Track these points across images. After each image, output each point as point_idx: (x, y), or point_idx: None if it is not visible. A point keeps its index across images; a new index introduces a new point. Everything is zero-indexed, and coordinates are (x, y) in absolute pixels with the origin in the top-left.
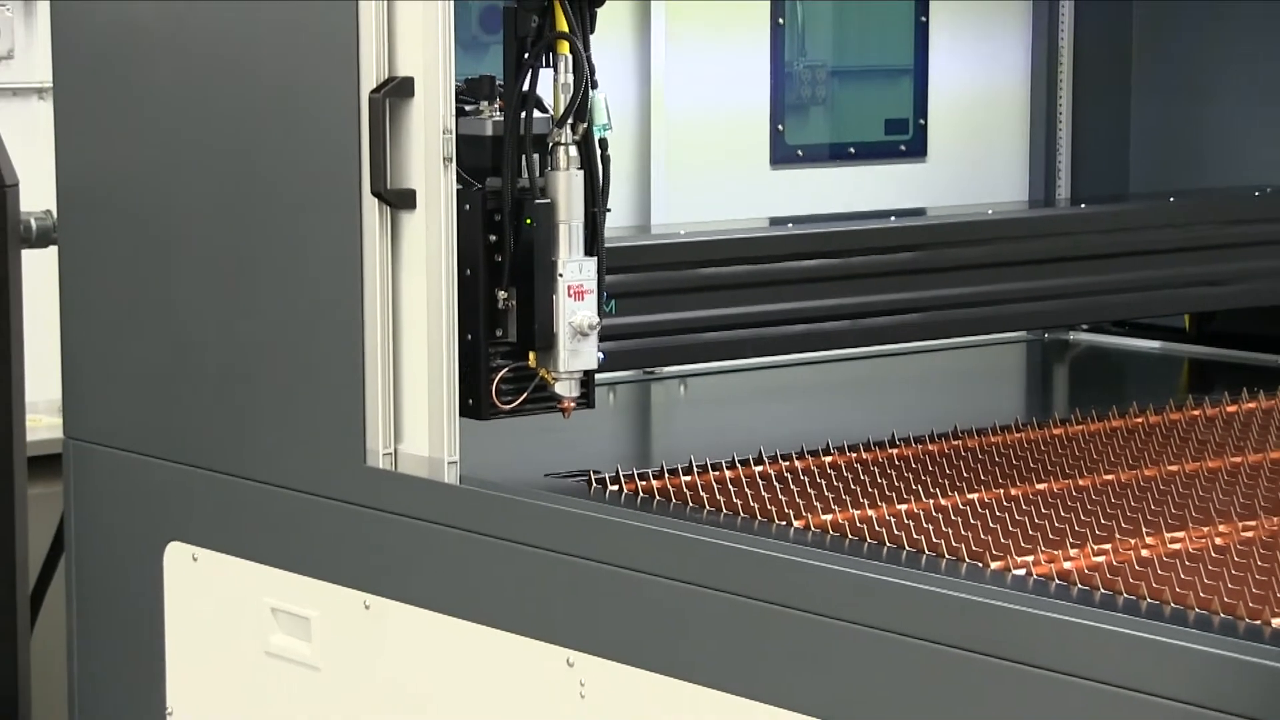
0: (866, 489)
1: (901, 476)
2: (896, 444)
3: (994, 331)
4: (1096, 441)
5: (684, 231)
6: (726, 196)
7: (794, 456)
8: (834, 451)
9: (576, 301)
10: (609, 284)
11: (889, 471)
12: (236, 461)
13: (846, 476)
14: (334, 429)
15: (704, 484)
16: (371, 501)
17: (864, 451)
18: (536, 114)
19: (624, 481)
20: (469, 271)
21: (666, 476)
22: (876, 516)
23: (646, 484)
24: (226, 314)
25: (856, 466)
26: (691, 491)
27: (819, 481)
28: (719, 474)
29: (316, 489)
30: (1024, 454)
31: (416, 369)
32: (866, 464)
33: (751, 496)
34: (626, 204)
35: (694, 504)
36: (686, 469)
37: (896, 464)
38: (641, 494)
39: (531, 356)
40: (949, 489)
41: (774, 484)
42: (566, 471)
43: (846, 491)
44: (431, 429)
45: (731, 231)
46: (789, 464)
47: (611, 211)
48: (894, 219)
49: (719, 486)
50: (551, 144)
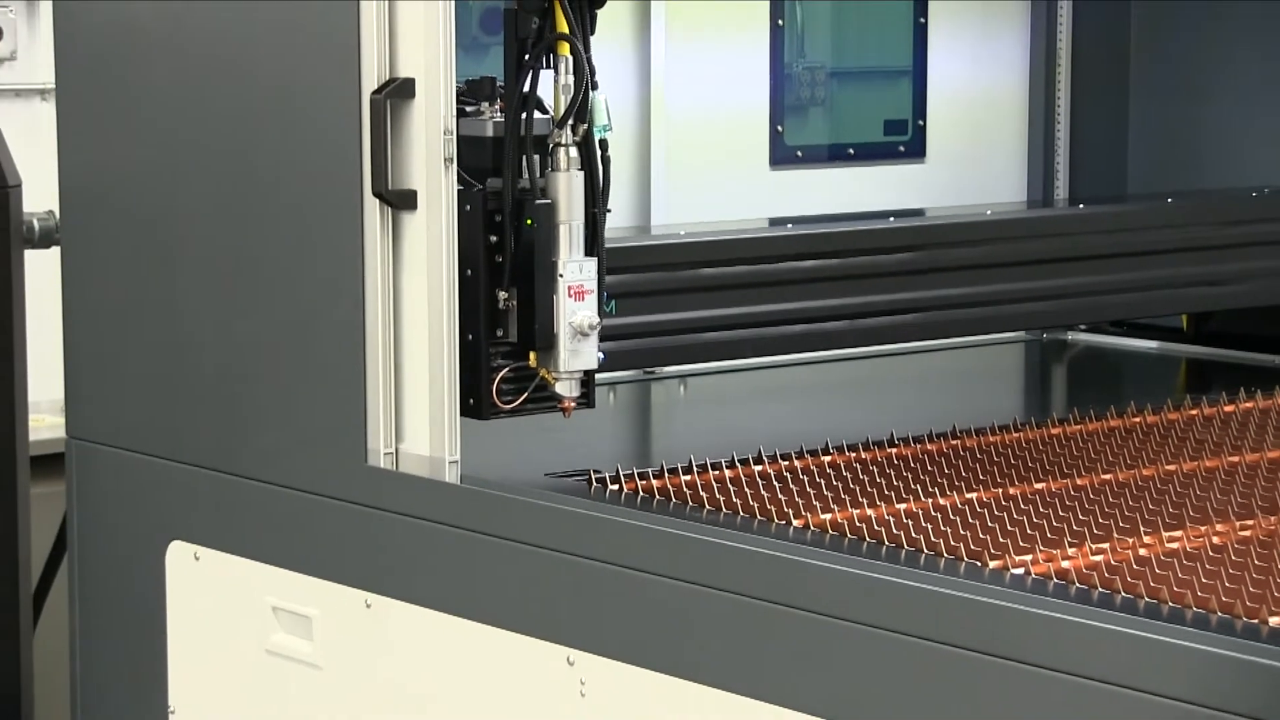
0: (866, 488)
1: (901, 476)
2: (895, 443)
3: (992, 332)
4: (1094, 441)
5: (684, 232)
6: (726, 197)
7: (794, 456)
8: (833, 451)
9: (577, 301)
10: (609, 284)
11: (888, 471)
12: (238, 461)
13: (846, 476)
14: (335, 429)
15: (704, 483)
16: (372, 501)
17: (863, 451)
18: (537, 115)
19: (624, 481)
20: (470, 272)
21: (666, 476)
22: (876, 516)
23: (647, 483)
24: (229, 314)
25: (856, 466)
26: (691, 491)
27: (819, 481)
28: (719, 473)
29: (318, 488)
30: (1022, 453)
31: (417, 369)
32: (866, 463)
33: (751, 496)
34: (626, 204)
35: (694, 503)
36: (686, 468)
37: (896, 463)
38: (642, 493)
39: (532, 356)
40: (948, 488)
41: (774, 483)
42: (567, 471)
43: (846, 491)
44: (432, 428)
45: (731, 232)
46: (789, 463)
47: (612, 212)
48: (893, 219)
49: (719, 486)
50: (552, 145)
